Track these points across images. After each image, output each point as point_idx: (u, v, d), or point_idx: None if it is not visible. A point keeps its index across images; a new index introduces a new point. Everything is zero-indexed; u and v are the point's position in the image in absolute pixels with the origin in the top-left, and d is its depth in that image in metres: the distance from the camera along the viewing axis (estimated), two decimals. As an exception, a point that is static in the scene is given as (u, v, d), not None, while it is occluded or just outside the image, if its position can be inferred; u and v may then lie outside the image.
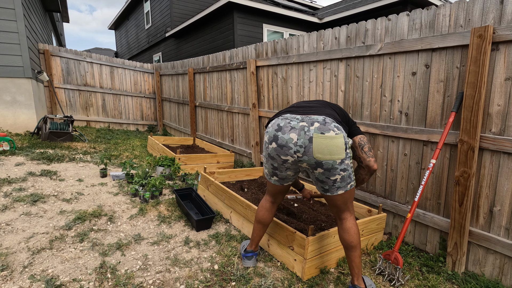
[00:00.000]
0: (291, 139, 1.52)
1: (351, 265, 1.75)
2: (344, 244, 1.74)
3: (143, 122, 8.33)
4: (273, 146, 1.61)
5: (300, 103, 1.79)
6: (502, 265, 1.96)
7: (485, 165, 2.00)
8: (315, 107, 1.68)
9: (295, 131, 1.52)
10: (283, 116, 1.64)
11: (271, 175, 1.79)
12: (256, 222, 1.98)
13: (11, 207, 2.68)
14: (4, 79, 5.23)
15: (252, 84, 4.11)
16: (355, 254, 1.72)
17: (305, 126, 1.52)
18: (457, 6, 2.05)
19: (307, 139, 1.50)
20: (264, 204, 1.95)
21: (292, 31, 9.89)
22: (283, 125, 1.58)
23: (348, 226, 1.72)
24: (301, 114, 1.60)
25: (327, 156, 1.49)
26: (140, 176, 3.46)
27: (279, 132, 1.58)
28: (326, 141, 1.48)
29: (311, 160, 1.53)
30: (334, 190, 1.64)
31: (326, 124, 1.51)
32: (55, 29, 11.62)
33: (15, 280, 1.74)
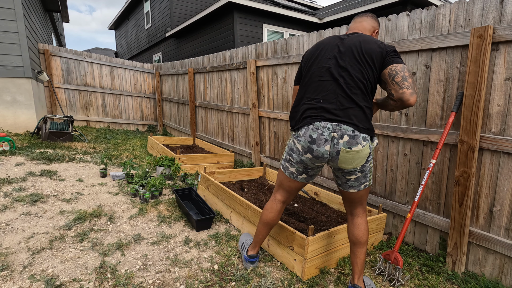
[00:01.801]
0: (326, 151, 1.55)
1: (356, 261, 1.74)
2: (353, 239, 1.74)
3: (143, 122, 8.33)
4: (308, 157, 1.61)
5: (320, 91, 1.60)
6: (502, 265, 1.96)
7: (485, 165, 2.00)
8: (341, 103, 1.54)
9: (328, 143, 1.54)
10: (314, 126, 1.56)
11: (299, 174, 1.74)
12: (263, 225, 1.91)
13: (11, 207, 2.68)
14: (4, 79, 5.23)
15: (252, 84, 4.11)
16: (362, 251, 1.72)
17: (335, 138, 1.52)
18: (457, 6, 2.05)
19: (335, 152, 1.54)
20: (274, 205, 1.88)
21: (292, 31, 9.89)
22: (316, 137, 1.55)
23: (359, 222, 1.74)
24: (330, 120, 1.54)
25: (350, 166, 1.57)
26: (140, 176, 3.46)
27: (314, 145, 1.56)
28: (351, 155, 1.53)
29: (335, 165, 1.61)
30: (346, 188, 1.70)
31: (355, 137, 1.51)
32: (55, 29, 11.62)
33: (15, 280, 1.74)
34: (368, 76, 1.56)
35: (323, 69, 1.61)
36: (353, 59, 1.56)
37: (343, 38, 1.65)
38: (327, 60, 1.62)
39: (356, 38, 1.61)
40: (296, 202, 2.99)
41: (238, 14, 8.68)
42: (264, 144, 4.17)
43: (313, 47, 1.74)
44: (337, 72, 1.57)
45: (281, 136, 3.83)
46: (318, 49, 1.69)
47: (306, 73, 1.72)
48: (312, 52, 1.72)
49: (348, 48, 1.58)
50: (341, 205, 2.82)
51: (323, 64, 1.62)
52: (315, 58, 1.68)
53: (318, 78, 1.62)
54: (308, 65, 1.71)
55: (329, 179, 3.15)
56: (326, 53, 1.64)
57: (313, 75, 1.65)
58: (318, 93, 1.61)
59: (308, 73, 1.70)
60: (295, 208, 2.80)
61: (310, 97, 1.64)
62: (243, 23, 8.83)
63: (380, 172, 2.67)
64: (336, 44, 1.63)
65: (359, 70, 1.55)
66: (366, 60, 1.55)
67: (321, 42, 1.71)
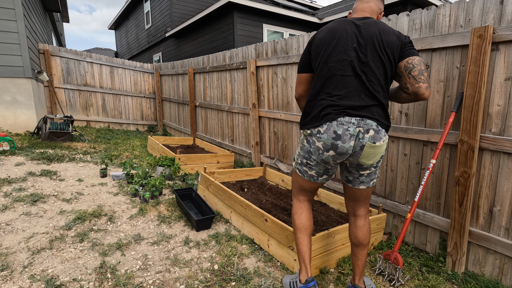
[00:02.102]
0: (351, 147, 1.48)
1: (357, 263, 1.71)
2: (355, 241, 1.71)
3: (143, 122, 8.33)
4: (330, 154, 1.53)
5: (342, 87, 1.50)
6: (502, 265, 1.96)
7: (485, 165, 2.00)
8: (364, 100, 1.48)
9: (353, 138, 1.47)
10: (339, 121, 1.48)
11: (319, 176, 1.67)
12: (301, 232, 1.71)
13: (11, 207, 2.68)
14: (4, 79, 5.23)
15: (252, 84, 4.11)
16: (363, 253, 1.70)
17: (360, 132, 1.47)
18: (457, 6, 2.05)
19: (359, 146, 1.48)
20: (302, 205, 1.77)
21: (292, 31, 9.89)
22: (342, 133, 1.47)
23: (362, 223, 1.70)
24: (354, 116, 1.47)
25: (370, 161, 1.54)
26: (140, 176, 3.46)
27: (339, 141, 1.48)
28: (374, 150, 1.50)
29: (354, 161, 1.55)
30: (357, 184, 1.65)
31: (379, 132, 1.49)
32: (55, 29, 11.62)
33: (15, 280, 1.74)
34: (388, 71, 1.51)
35: (345, 62, 1.50)
36: (374, 53, 1.48)
37: (358, 25, 1.53)
38: (347, 52, 1.50)
39: (373, 26, 1.51)
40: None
41: (238, 14, 8.68)
42: (264, 144, 4.17)
43: (327, 32, 1.57)
44: (359, 68, 1.49)
45: (281, 136, 3.83)
46: (334, 37, 1.53)
47: (322, 64, 1.56)
48: (326, 40, 1.56)
49: (367, 39, 1.49)
50: (341, 205, 2.82)
51: (344, 57, 1.50)
52: (333, 48, 1.53)
53: (339, 73, 1.50)
54: (324, 54, 1.55)
55: (329, 179, 3.15)
56: (344, 43, 1.51)
57: (333, 68, 1.52)
58: (339, 89, 1.50)
59: (326, 64, 1.54)
60: (295, 208, 2.80)
61: (330, 93, 1.52)
62: (243, 23, 8.83)
63: (380, 172, 2.67)
64: (353, 33, 1.51)
65: (381, 65, 1.49)
66: (387, 54, 1.49)
67: (335, 28, 1.56)
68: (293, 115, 3.52)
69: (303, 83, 1.73)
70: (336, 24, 1.58)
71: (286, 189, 3.39)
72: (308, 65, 1.68)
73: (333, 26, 1.58)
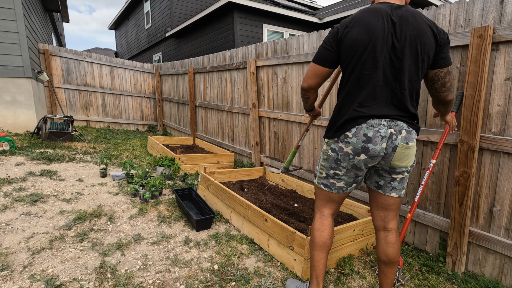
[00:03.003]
0: (382, 149, 1.40)
1: (385, 282, 1.60)
2: (385, 259, 1.56)
3: (143, 122, 8.33)
4: (361, 158, 1.43)
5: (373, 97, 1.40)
6: (502, 265, 1.96)
7: (485, 165, 2.00)
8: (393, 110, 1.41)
9: (385, 140, 1.39)
10: (368, 124, 1.40)
11: (348, 186, 1.55)
12: (320, 249, 1.61)
13: (11, 207, 2.68)
14: (4, 79, 5.23)
15: (252, 84, 4.11)
16: (393, 271, 1.58)
17: (393, 134, 1.39)
18: (457, 6, 2.05)
19: (391, 147, 1.41)
20: (325, 221, 1.62)
21: (292, 31, 9.89)
22: (373, 135, 1.39)
23: (394, 239, 1.56)
24: (384, 117, 1.39)
25: (404, 164, 1.46)
26: (140, 176, 3.46)
27: (370, 144, 1.40)
28: (408, 151, 1.43)
29: (386, 165, 1.47)
30: (388, 190, 1.53)
31: (411, 132, 1.43)
32: (55, 29, 11.62)
33: (15, 280, 1.74)
34: (421, 75, 1.43)
35: (379, 70, 1.38)
36: (410, 60, 1.37)
37: (394, 21, 1.36)
38: (382, 58, 1.37)
39: (410, 24, 1.35)
40: (296, 202, 2.99)
41: (238, 14, 8.68)
42: (264, 144, 4.17)
43: (362, 31, 1.38)
44: (392, 76, 1.38)
45: (281, 136, 3.83)
46: (370, 39, 1.36)
47: (356, 70, 1.42)
48: (362, 41, 1.38)
49: (404, 43, 1.35)
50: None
51: (379, 64, 1.37)
52: (369, 52, 1.37)
53: (373, 82, 1.39)
54: (359, 60, 1.40)
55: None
56: (380, 48, 1.36)
57: (367, 77, 1.39)
58: (371, 100, 1.40)
59: (360, 72, 1.41)
60: (295, 208, 2.80)
61: (361, 103, 1.41)
62: (243, 23, 8.83)
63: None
64: (389, 33, 1.36)
65: (415, 72, 1.39)
66: (423, 61, 1.38)
67: (370, 25, 1.37)
68: (293, 115, 3.52)
69: (320, 76, 1.53)
70: (370, 17, 1.38)
71: (286, 189, 3.39)
72: (331, 61, 1.49)
73: (368, 21, 1.38)
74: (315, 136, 3.28)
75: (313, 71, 1.53)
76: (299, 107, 3.48)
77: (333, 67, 1.51)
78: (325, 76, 1.53)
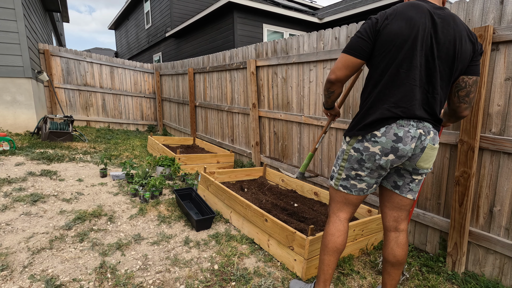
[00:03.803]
0: (411, 149, 1.36)
1: (390, 283, 1.58)
2: (393, 260, 1.54)
3: (143, 122, 8.33)
4: (389, 158, 1.38)
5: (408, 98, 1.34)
6: (502, 265, 1.96)
7: (485, 165, 2.00)
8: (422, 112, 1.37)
9: (414, 140, 1.35)
10: (398, 124, 1.35)
11: (369, 187, 1.50)
12: (332, 253, 1.56)
13: (11, 207, 2.68)
14: (4, 79, 5.23)
15: (252, 84, 4.11)
16: (399, 273, 1.57)
17: (422, 134, 1.36)
18: (457, 6, 2.05)
19: (420, 148, 1.37)
20: (341, 227, 1.56)
21: (292, 31, 9.89)
22: (403, 135, 1.34)
23: (405, 241, 1.54)
24: (413, 118, 1.35)
25: (427, 165, 1.42)
26: (140, 176, 3.46)
27: (400, 144, 1.34)
28: (433, 152, 1.40)
29: (411, 166, 1.42)
30: (405, 191, 1.50)
31: (436, 134, 1.41)
32: (55, 29, 11.62)
33: (15, 280, 1.74)
34: (452, 82, 1.41)
35: (416, 70, 1.32)
36: (446, 65, 1.34)
37: (436, 21, 1.31)
38: (420, 57, 1.32)
39: (451, 28, 1.32)
40: (296, 202, 2.99)
41: (238, 14, 8.68)
42: (264, 144, 4.17)
43: (403, 25, 1.31)
44: (428, 78, 1.34)
45: (281, 136, 3.83)
46: (411, 35, 1.30)
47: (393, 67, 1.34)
48: (402, 36, 1.31)
49: (443, 47, 1.31)
50: (341, 205, 2.81)
51: (416, 63, 1.32)
52: (408, 50, 1.31)
53: (409, 82, 1.33)
54: (398, 56, 1.33)
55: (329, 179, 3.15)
56: (420, 46, 1.31)
57: (404, 75, 1.33)
58: (406, 100, 1.34)
59: (397, 69, 1.34)
60: (295, 208, 2.80)
61: (395, 102, 1.35)
62: (243, 23, 8.83)
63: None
64: (430, 33, 1.30)
65: (447, 79, 1.37)
66: (458, 68, 1.36)
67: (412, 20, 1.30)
68: (293, 115, 3.52)
69: (350, 68, 1.43)
70: (412, 12, 1.32)
71: (286, 189, 3.39)
72: (366, 52, 1.39)
73: (410, 16, 1.31)
74: (315, 136, 3.28)
75: (344, 61, 1.42)
76: (299, 107, 3.48)
77: (366, 59, 1.42)
78: (355, 68, 1.43)
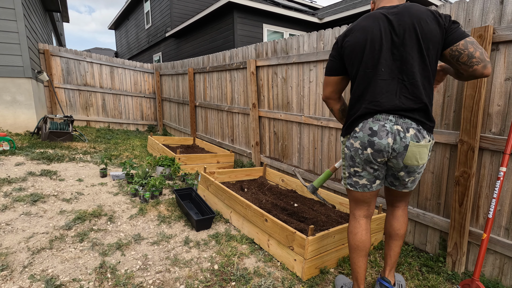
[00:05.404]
0: (388, 144, 1.41)
1: (389, 253, 1.72)
2: (390, 231, 1.71)
3: (143, 122, 8.33)
4: (368, 152, 1.46)
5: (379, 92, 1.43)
6: (502, 265, 1.96)
7: (485, 165, 2.00)
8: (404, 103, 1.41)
9: (391, 135, 1.40)
10: (375, 118, 1.44)
11: (372, 183, 1.57)
12: (356, 252, 1.62)
13: (11, 207, 2.68)
14: (4, 79, 5.22)
15: (252, 84, 4.11)
16: (397, 244, 1.71)
17: (400, 131, 1.40)
18: (457, 6, 2.05)
19: (403, 146, 1.41)
20: (357, 224, 1.64)
21: (292, 31, 9.89)
22: (378, 129, 1.42)
23: (400, 214, 1.72)
24: (393, 113, 1.41)
25: (415, 163, 1.46)
26: (140, 176, 3.46)
27: (375, 137, 1.42)
28: (419, 149, 1.42)
29: (399, 164, 1.48)
30: (401, 188, 1.63)
31: (421, 131, 1.42)
32: (55, 29, 11.62)
33: (15, 280, 1.74)
34: (431, 63, 1.39)
35: (381, 65, 1.42)
36: (413, 49, 1.37)
37: (390, 18, 1.41)
38: (382, 54, 1.41)
39: (407, 16, 1.38)
40: (296, 202, 2.99)
41: (238, 14, 8.68)
42: (264, 144, 4.17)
43: (358, 36, 1.46)
44: (397, 68, 1.40)
45: (281, 136, 3.83)
46: (366, 40, 1.43)
47: (359, 71, 1.49)
48: (359, 44, 1.46)
49: (403, 35, 1.38)
50: (341, 205, 2.82)
51: (381, 60, 1.41)
52: (368, 52, 1.44)
53: (377, 78, 1.43)
54: (359, 61, 1.47)
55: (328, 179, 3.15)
56: (379, 46, 1.41)
57: (370, 74, 1.44)
58: (379, 95, 1.43)
59: (363, 71, 1.47)
60: (295, 208, 2.80)
61: (369, 99, 1.46)
62: (243, 23, 8.83)
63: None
64: (386, 30, 1.40)
65: (422, 61, 1.38)
66: (428, 47, 1.36)
67: (365, 28, 1.45)
68: (293, 115, 3.52)
69: (331, 84, 1.65)
70: (366, 22, 1.46)
71: (286, 189, 3.39)
72: (337, 68, 1.60)
73: (363, 25, 1.46)
74: (315, 136, 3.29)
75: (325, 81, 1.69)
76: (299, 107, 3.48)
77: (340, 74, 1.61)
78: (335, 83, 1.64)
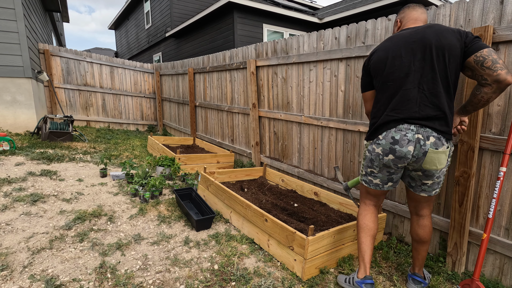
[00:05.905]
0: (409, 152, 1.56)
1: (417, 257, 1.86)
2: (416, 238, 1.84)
3: (143, 122, 8.33)
4: (389, 158, 1.63)
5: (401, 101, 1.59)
6: (502, 265, 1.96)
7: (485, 165, 2.00)
8: (425, 111, 1.54)
9: (412, 143, 1.55)
10: (397, 128, 1.59)
11: (384, 184, 1.77)
12: (363, 231, 1.81)
13: (11, 207, 2.68)
14: (4, 79, 5.22)
15: (252, 84, 4.11)
16: (424, 249, 1.84)
17: (420, 139, 1.54)
18: (457, 6, 2.05)
19: (422, 152, 1.55)
20: (368, 209, 1.86)
21: (292, 31, 9.89)
22: (399, 138, 1.57)
23: (425, 223, 1.82)
24: (414, 123, 1.55)
25: (434, 167, 1.59)
26: (140, 176, 3.46)
27: (396, 146, 1.58)
28: (437, 155, 1.55)
29: (418, 167, 1.63)
30: (418, 190, 1.75)
31: (440, 139, 1.55)
32: (55, 29, 11.62)
33: (15, 280, 1.74)
34: (451, 74, 1.52)
35: (402, 77, 1.58)
36: (431, 61, 1.51)
37: (412, 35, 1.58)
38: (403, 67, 1.58)
39: (428, 31, 1.54)
40: (296, 202, 2.99)
41: (238, 14, 8.68)
42: (264, 144, 4.17)
43: (381, 54, 1.67)
44: (417, 79, 1.55)
45: (281, 136, 3.83)
46: (387, 56, 1.63)
47: (382, 83, 1.67)
48: (381, 60, 1.66)
49: (422, 48, 1.53)
50: (341, 205, 2.82)
51: (401, 74, 1.58)
52: (389, 66, 1.63)
53: (399, 89, 1.60)
54: (382, 74, 1.66)
55: (329, 179, 3.15)
56: (399, 60, 1.59)
57: (392, 86, 1.62)
58: (400, 104, 1.59)
59: (385, 83, 1.65)
60: (295, 208, 2.80)
61: (392, 107, 1.62)
62: (243, 23, 8.83)
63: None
64: (408, 46, 1.58)
65: (441, 71, 1.51)
66: (447, 58, 1.49)
67: (387, 48, 1.65)
68: (293, 115, 3.52)
69: (368, 100, 1.86)
70: (388, 42, 1.67)
71: (286, 189, 3.39)
72: (367, 84, 1.82)
73: (386, 45, 1.67)
74: (315, 136, 3.29)
75: (363, 98, 1.90)
76: (299, 107, 3.48)
77: (371, 89, 1.82)
78: (371, 98, 1.84)
